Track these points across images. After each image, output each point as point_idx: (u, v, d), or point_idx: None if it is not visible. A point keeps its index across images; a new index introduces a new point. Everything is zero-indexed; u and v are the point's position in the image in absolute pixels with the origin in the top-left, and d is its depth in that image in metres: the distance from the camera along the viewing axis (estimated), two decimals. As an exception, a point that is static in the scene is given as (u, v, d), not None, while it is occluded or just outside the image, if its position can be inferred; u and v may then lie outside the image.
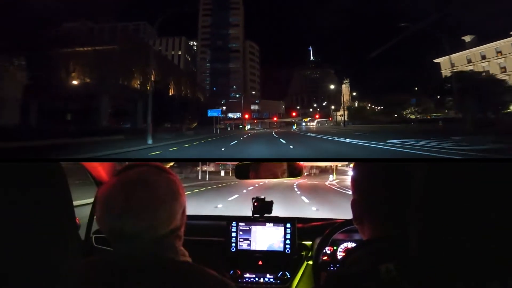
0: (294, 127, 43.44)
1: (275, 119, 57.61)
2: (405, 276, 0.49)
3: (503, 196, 0.42)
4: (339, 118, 55.43)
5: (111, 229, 0.60)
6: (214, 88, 56.29)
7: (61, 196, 0.63)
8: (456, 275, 0.45)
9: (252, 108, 62.48)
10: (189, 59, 59.83)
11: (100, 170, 1.30)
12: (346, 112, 41.25)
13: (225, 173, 31.62)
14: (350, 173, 0.69)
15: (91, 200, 1.33)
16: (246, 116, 47.04)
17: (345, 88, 59.50)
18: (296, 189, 13.63)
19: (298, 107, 65.92)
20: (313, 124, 56.67)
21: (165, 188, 0.63)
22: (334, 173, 25.92)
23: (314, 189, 14.72)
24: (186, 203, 0.68)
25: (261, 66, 66.55)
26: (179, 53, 56.34)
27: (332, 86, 58.81)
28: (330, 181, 21.74)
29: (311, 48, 77.56)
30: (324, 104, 64.35)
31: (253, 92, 60.67)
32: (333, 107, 58.97)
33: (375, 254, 0.57)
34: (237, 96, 39.90)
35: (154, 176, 0.63)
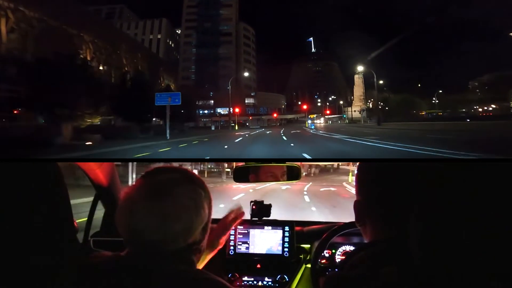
0: (312, 126, 35.16)
1: (275, 115, 55.19)
2: (406, 280, 0.56)
3: (507, 197, 0.48)
4: (355, 114, 54.26)
5: (128, 234, 0.70)
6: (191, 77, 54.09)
7: (58, 197, 0.72)
8: (457, 278, 0.50)
9: (246, 101, 60.38)
10: (172, 45, 59.40)
11: (98, 172, 1.53)
12: (369, 106, 40.35)
13: (199, 173, 28.67)
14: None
15: (90, 199, 1.59)
16: (237, 110, 40.58)
17: (358, 79, 59.91)
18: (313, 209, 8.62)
19: (299, 103, 66.73)
20: (320, 122, 55.29)
21: (187, 201, 0.71)
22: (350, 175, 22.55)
23: (341, 203, 9.51)
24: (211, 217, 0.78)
25: (258, 53, 66.35)
26: (159, 36, 56.22)
27: (341, 79, 59.20)
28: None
29: (312, 39, 78.99)
30: (330, 99, 64.31)
31: (247, 74, 57.12)
32: (341, 102, 59.48)
33: (375, 257, 0.66)
34: (229, 88, 37.05)
35: (179, 187, 0.72)
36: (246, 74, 53.09)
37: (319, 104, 66.04)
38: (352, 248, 1.70)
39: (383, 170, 0.73)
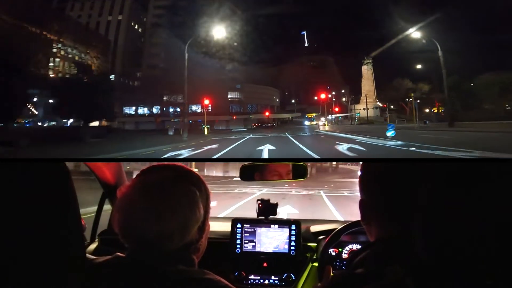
0: (392, 131, 15.64)
1: (267, 113, 53.53)
2: (412, 278, 0.67)
3: (509, 197, 0.58)
4: (367, 112, 51.27)
5: (123, 231, 0.85)
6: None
7: (66, 197, 0.83)
8: (462, 276, 0.61)
9: (230, 96, 58.90)
10: (140, 29, 58.47)
11: (105, 170, 1.90)
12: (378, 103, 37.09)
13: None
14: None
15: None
16: (206, 102, 32.46)
17: (367, 70, 60.20)
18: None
19: (293, 101, 67.74)
20: (322, 123, 54.56)
21: (182, 199, 0.85)
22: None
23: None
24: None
25: (246, 42, 66.24)
26: (120, 18, 55.39)
27: (337, 74, 59.12)
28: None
29: (305, 33, 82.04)
30: (330, 95, 64.07)
31: (221, 31, 54.59)
32: (344, 99, 60.10)
33: (380, 256, 0.80)
34: (186, 55, 28.54)
35: (173, 185, 0.87)
36: (217, 32, 38.46)
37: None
38: (358, 246, 2.07)
39: (386, 170, 0.90)
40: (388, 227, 0.87)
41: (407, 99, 51.06)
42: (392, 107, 55.18)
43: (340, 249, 2.10)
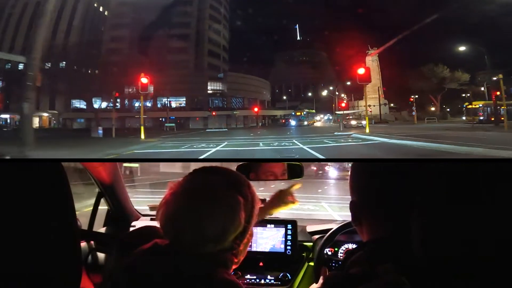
0: None
1: (256, 109, 50.60)
2: (406, 277, 0.76)
3: (502, 196, 0.67)
4: (375, 110, 46.63)
5: (163, 225, 1.01)
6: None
7: (62, 197, 0.94)
8: (454, 275, 0.70)
9: (210, 88, 56.78)
10: (106, 12, 53.85)
11: (101, 171, 2.21)
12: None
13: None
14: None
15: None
16: (144, 80, 22.45)
17: (372, 62, 58.72)
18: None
19: (284, 97, 68.23)
20: (354, 122, 38.65)
21: (223, 206, 0.98)
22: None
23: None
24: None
25: (232, 26, 63.57)
26: None
27: (331, 70, 57.69)
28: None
29: (297, 27, 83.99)
30: (326, 92, 62.46)
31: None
32: (344, 96, 59.36)
33: (374, 256, 0.90)
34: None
35: (219, 191, 1.00)
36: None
37: (311, 95, 68.10)
38: (354, 246, 2.39)
39: (376, 170, 1.01)
40: (379, 227, 0.98)
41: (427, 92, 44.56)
42: (392, 104, 51.24)
43: (336, 249, 2.44)
